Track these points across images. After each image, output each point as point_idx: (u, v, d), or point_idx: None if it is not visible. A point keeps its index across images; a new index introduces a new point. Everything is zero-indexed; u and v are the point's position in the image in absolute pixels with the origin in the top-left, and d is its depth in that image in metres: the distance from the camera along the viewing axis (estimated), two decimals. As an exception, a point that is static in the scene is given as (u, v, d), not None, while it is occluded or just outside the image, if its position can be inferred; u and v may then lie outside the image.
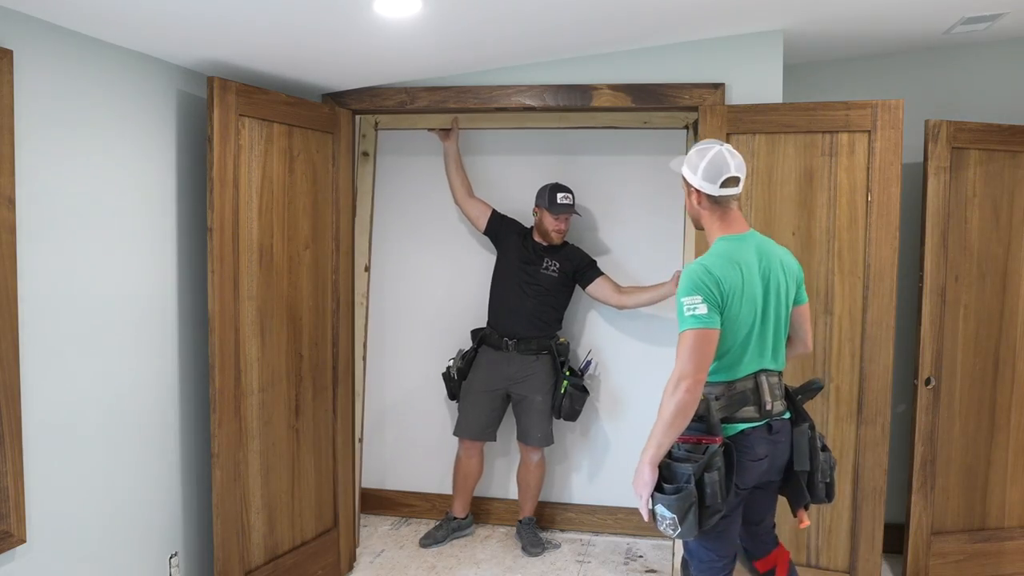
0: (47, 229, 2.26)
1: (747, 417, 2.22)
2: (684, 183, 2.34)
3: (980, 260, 3.22)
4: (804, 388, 2.39)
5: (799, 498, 2.32)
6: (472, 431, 3.76)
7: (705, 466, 2.10)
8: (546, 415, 3.71)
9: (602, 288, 3.66)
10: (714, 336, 2.14)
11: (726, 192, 2.24)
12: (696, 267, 2.19)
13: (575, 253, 3.73)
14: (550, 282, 3.68)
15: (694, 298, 2.13)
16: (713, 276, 2.15)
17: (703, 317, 2.12)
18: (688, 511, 2.09)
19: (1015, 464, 3.32)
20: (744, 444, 2.20)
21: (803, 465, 2.29)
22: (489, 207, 3.79)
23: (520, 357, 3.69)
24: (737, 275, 2.18)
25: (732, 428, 2.22)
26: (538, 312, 3.69)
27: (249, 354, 2.88)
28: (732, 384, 2.23)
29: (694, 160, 2.27)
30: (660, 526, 2.17)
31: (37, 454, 2.24)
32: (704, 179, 2.23)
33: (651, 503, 2.17)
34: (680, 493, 2.10)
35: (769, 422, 2.25)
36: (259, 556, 2.98)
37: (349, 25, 2.50)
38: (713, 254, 2.23)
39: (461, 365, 3.79)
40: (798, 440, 2.29)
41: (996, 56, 3.49)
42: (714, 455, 2.11)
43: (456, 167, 3.78)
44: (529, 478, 3.80)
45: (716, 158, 2.23)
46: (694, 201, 2.31)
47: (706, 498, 2.09)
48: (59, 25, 2.26)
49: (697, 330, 2.12)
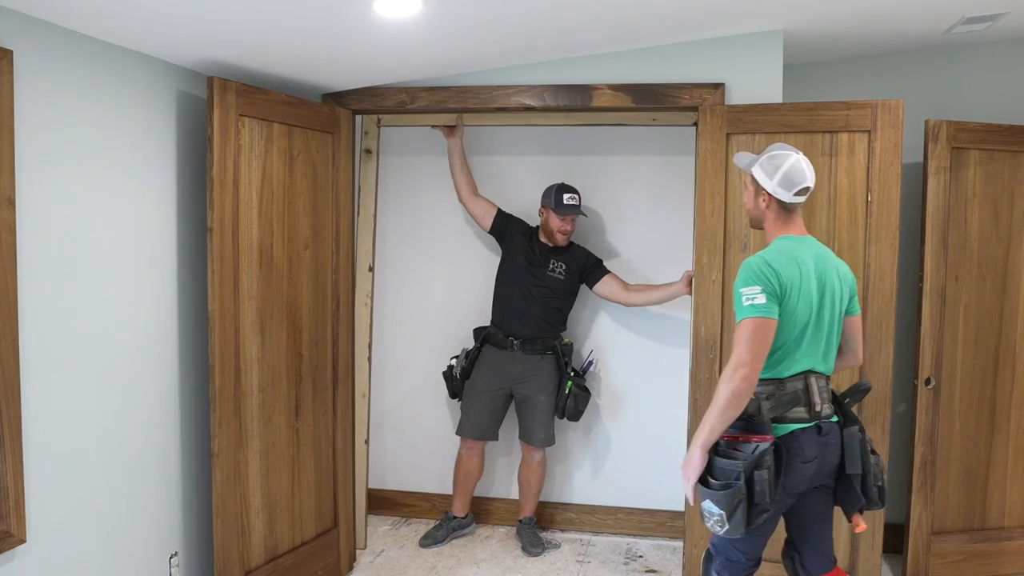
0: (47, 229, 2.26)
1: (798, 418, 2.23)
2: (751, 182, 2.38)
3: (980, 260, 3.22)
4: (852, 390, 2.39)
5: (854, 502, 2.31)
6: (475, 430, 3.75)
7: (755, 464, 2.11)
8: (549, 415, 3.71)
9: (609, 286, 3.66)
10: (772, 326, 2.16)
11: (798, 200, 2.31)
12: (756, 259, 2.23)
13: (581, 253, 3.73)
14: (556, 284, 3.68)
15: (753, 288, 2.16)
16: (773, 268, 2.19)
17: (762, 307, 2.14)
18: (736, 508, 2.10)
19: (1015, 464, 3.32)
20: (794, 445, 2.21)
21: (855, 468, 2.28)
22: (494, 206, 3.78)
23: (525, 357, 3.69)
24: (795, 270, 2.22)
25: (783, 428, 2.22)
26: (544, 313, 3.68)
27: (249, 354, 2.88)
28: (782, 383, 2.24)
29: (770, 165, 2.31)
30: (707, 522, 2.18)
31: (37, 454, 2.24)
32: (780, 185, 2.29)
33: (701, 498, 2.18)
34: (729, 489, 2.10)
35: (819, 424, 2.25)
36: (259, 556, 2.98)
37: (349, 25, 2.50)
38: (772, 250, 2.28)
39: (466, 364, 3.78)
40: (849, 443, 2.29)
41: (996, 56, 3.49)
42: (764, 453, 2.12)
43: (461, 165, 3.77)
44: (531, 477, 3.80)
45: (795, 168, 2.29)
46: (761, 203, 2.35)
47: (755, 496, 2.10)
48: (59, 25, 2.26)
49: (756, 319, 2.14)
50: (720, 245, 3.02)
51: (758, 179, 2.34)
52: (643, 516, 3.95)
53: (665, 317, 3.83)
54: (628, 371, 3.93)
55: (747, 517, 2.11)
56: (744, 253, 3.01)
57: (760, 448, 2.13)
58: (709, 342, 3.05)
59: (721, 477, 2.15)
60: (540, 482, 3.83)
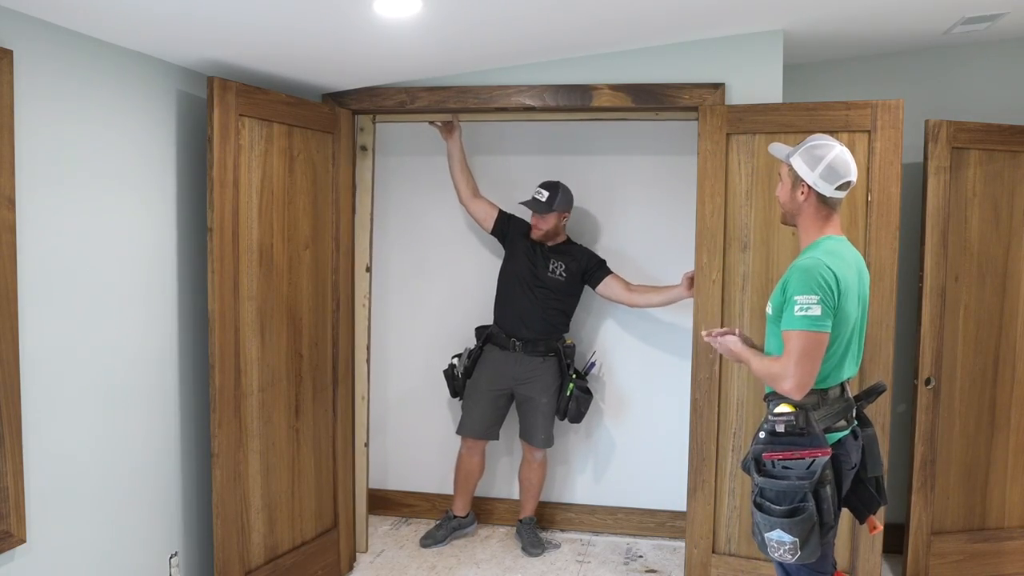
0: (47, 229, 2.26)
1: (841, 426, 2.16)
2: (789, 173, 2.23)
3: (980, 260, 3.22)
4: (868, 392, 2.32)
5: (870, 504, 2.25)
6: (476, 430, 3.75)
7: (819, 480, 2.00)
8: (550, 417, 3.70)
9: (612, 287, 3.64)
10: (824, 340, 2.04)
11: (839, 195, 2.18)
12: (815, 264, 2.07)
13: (583, 254, 3.71)
14: (557, 285, 3.66)
15: (810, 298, 2.02)
16: (834, 275, 2.06)
17: (816, 320, 2.02)
18: (811, 533, 1.98)
19: (1015, 464, 3.32)
20: (842, 454, 2.14)
21: (877, 470, 2.23)
22: (495, 207, 3.76)
23: (527, 358, 3.68)
24: (849, 274, 2.12)
25: (831, 438, 2.13)
26: (546, 315, 3.67)
27: (249, 354, 2.88)
28: (825, 393, 2.14)
29: (812, 156, 2.17)
30: (775, 553, 2.04)
31: (37, 454, 2.24)
32: (822, 178, 2.15)
33: (765, 528, 2.05)
34: (801, 515, 1.98)
35: (854, 429, 2.20)
36: (259, 556, 2.98)
37: (349, 25, 2.50)
38: (827, 251, 2.13)
39: (468, 363, 3.77)
40: (870, 445, 2.23)
41: (996, 56, 3.49)
42: (825, 467, 2.01)
43: (460, 167, 3.73)
44: (532, 476, 3.80)
45: (839, 160, 2.15)
46: (799, 196, 2.20)
47: (823, 514, 2.00)
48: (59, 25, 2.26)
49: (808, 332, 2.02)
50: (720, 245, 3.02)
51: (798, 170, 2.19)
52: (643, 516, 3.95)
53: (669, 324, 3.83)
54: (631, 373, 3.93)
55: (820, 538, 2.00)
56: (744, 253, 3.01)
57: (818, 462, 2.01)
58: (709, 342, 3.05)
59: (783, 501, 2.02)
60: (541, 482, 3.83)
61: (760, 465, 2.09)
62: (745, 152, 2.99)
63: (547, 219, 3.62)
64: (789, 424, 2.10)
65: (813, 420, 2.09)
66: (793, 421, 2.09)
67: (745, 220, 3.01)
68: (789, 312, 2.06)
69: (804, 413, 2.10)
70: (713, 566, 3.13)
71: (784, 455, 2.06)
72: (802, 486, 1.99)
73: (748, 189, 2.99)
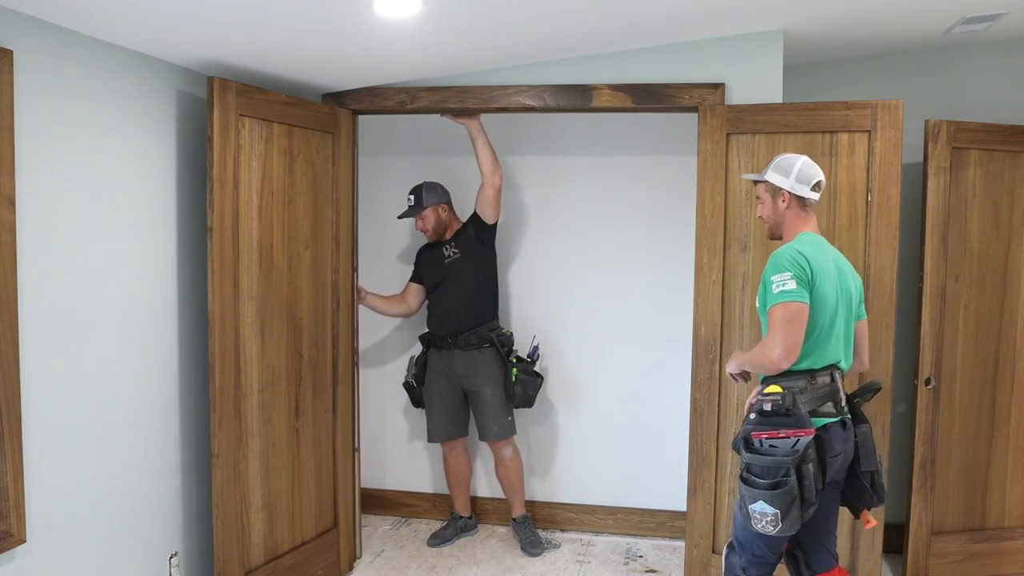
0: (47, 229, 2.26)
1: (828, 412, 2.28)
2: (767, 189, 2.45)
3: (980, 260, 3.22)
4: (863, 389, 2.44)
5: (864, 499, 2.36)
6: (442, 433, 3.80)
7: (802, 458, 2.14)
8: (499, 407, 3.70)
9: (480, 194, 3.63)
10: (804, 310, 2.19)
11: (814, 196, 2.40)
12: (785, 249, 2.29)
13: (466, 224, 3.73)
14: (458, 264, 3.68)
15: (783, 275, 2.21)
16: (802, 255, 2.25)
17: (792, 291, 2.19)
18: (791, 505, 2.13)
19: (1015, 464, 3.32)
20: (825, 439, 2.24)
21: (871, 465, 2.34)
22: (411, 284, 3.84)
23: (463, 353, 3.70)
24: (823, 259, 2.28)
25: (816, 422, 2.25)
26: (465, 301, 3.68)
27: (249, 354, 2.88)
28: (813, 377, 2.27)
29: (783, 167, 2.41)
30: (757, 524, 2.19)
31: (37, 454, 2.24)
32: (798, 181, 2.38)
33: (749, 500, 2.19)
34: (783, 488, 2.12)
35: (843, 419, 2.30)
36: (259, 556, 2.98)
37: (349, 25, 2.50)
38: (800, 241, 2.34)
39: (416, 371, 3.82)
40: (863, 440, 2.34)
41: (996, 56, 3.49)
42: (808, 446, 2.15)
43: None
44: (507, 474, 3.80)
45: (806, 165, 2.40)
46: (781, 204, 2.42)
47: (804, 491, 2.14)
48: (59, 25, 2.26)
49: (788, 303, 2.18)
50: (720, 245, 3.02)
51: (775, 181, 2.41)
52: (643, 516, 3.95)
53: (667, 320, 3.83)
54: (631, 373, 3.93)
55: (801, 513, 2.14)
56: (744, 253, 3.01)
57: (802, 441, 2.15)
58: (709, 342, 3.05)
59: (767, 475, 2.16)
60: (519, 477, 3.82)
61: (749, 443, 2.23)
62: (745, 152, 2.99)
63: (425, 218, 3.68)
64: (776, 404, 2.22)
65: (800, 402, 2.21)
66: (780, 401, 2.22)
67: (745, 220, 3.01)
68: (768, 293, 2.24)
69: (791, 395, 2.22)
70: (713, 566, 3.13)
71: (771, 434, 2.20)
72: (785, 462, 2.13)
73: (748, 189, 2.99)
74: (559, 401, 4.01)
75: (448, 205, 3.75)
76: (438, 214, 3.69)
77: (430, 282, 3.77)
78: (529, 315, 3.99)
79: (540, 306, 3.99)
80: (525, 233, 3.99)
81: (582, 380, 3.97)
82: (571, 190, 3.91)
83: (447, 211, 3.74)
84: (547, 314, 3.97)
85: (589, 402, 3.97)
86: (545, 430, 4.04)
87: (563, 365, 3.98)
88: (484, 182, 3.60)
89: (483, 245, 3.69)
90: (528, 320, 3.98)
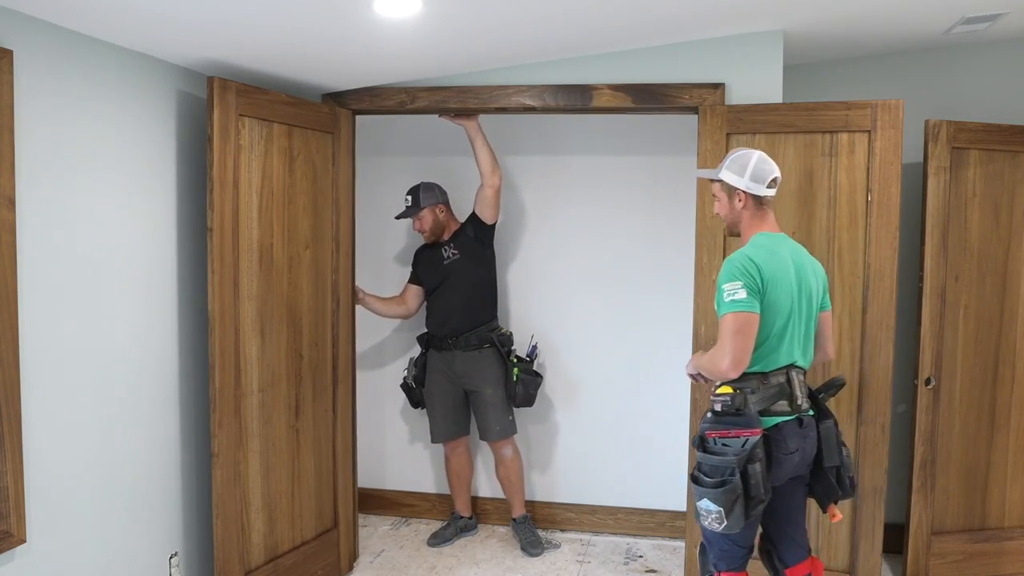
0: (47, 229, 2.26)
1: (781, 411, 2.29)
2: (723, 188, 2.42)
3: (980, 260, 3.22)
4: (827, 386, 2.46)
5: (830, 493, 2.38)
6: (443, 433, 3.80)
7: (748, 457, 2.16)
8: (499, 407, 3.70)
9: (479, 193, 3.63)
10: (754, 320, 2.20)
11: (770, 192, 2.37)
12: (737, 256, 2.27)
13: (465, 225, 3.73)
14: (457, 265, 3.68)
15: (734, 284, 2.21)
16: (754, 263, 2.24)
17: (742, 302, 2.19)
18: (735, 503, 2.16)
19: (1015, 464, 3.32)
20: (777, 438, 2.27)
21: (834, 460, 2.35)
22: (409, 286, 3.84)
23: (464, 354, 3.70)
24: (776, 264, 2.27)
25: (768, 421, 2.28)
26: (464, 302, 3.69)
27: (249, 354, 2.88)
28: (766, 377, 2.28)
29: (736, 166, 2.37)
30: (704, 520, 2.23)
31: (37, 454, 2.24)
32: (752, 180, 2.34)
33: (696, 498, 2.23)
34: (726, 486, 2.16)
35: (799, 417, 2.31)
36: (259, 556, 2.98)
37: (349, 25, 2.50)
38: (753, 245, 2.33)
39: (416, 372, 3.82)
40: (826, 436, 2.36)
41: (996, 56, 3.49)
42: (755, 446, 2.17)
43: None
44: (508, 474, 3.80)
45: (761, 162, 2.36)
46: (737, 203, 2.39)
47: (751, 489, 2.17)
48: (59, 25, 2.26)
49: (737, 314, 2.19)
50: (720, 245, 3.02)
51: (730, 181, 2.38)
52: (643, 516, 3.95)
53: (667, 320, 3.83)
54: (631, 373, 3.93)
55: (745, 510, 2.16)
56: (744, 253, 3.01)
57: (750, 441, 2.18)
58: (709, 342, 3.05)
59: (715, 474, 2.20)
60: (519, 477, 3.82)
61: (704, 442, 2.27)
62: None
63: (422, 219, 3.68)
64: (726, 404, 2.26)
65: (750, 402, 2.24)
66: (730, 402, 2.25)
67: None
68: (720, 300, 2.24)
69: (743, 395, 2.25)
70: (713, 566, 3.13)
71: (722, 433, 2.24)
72: (731, 462, 2.16)
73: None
74: (559, 401, 4.01)
75: (446, 205, 3.75)
76: (435, 215, 3.69)
77: (429, 283, 3.77)
78: (528, 314, 3.99)
79: (539, 306, 3.99)
80: (524, 233, 3.99)
81: (582, 380, 3.97)
82: (570, 190, 3.91)
83: (444, 212, 3.74)
84: (546, 314, 3.98)
85: (589, 402, 3.97)
86: (545, 430, 4.04)
87: (563, 365, 3.98)
88: (483, 182, 3.60)
89: (482, 246, 3.69)
90: (527, 319, 3.99)
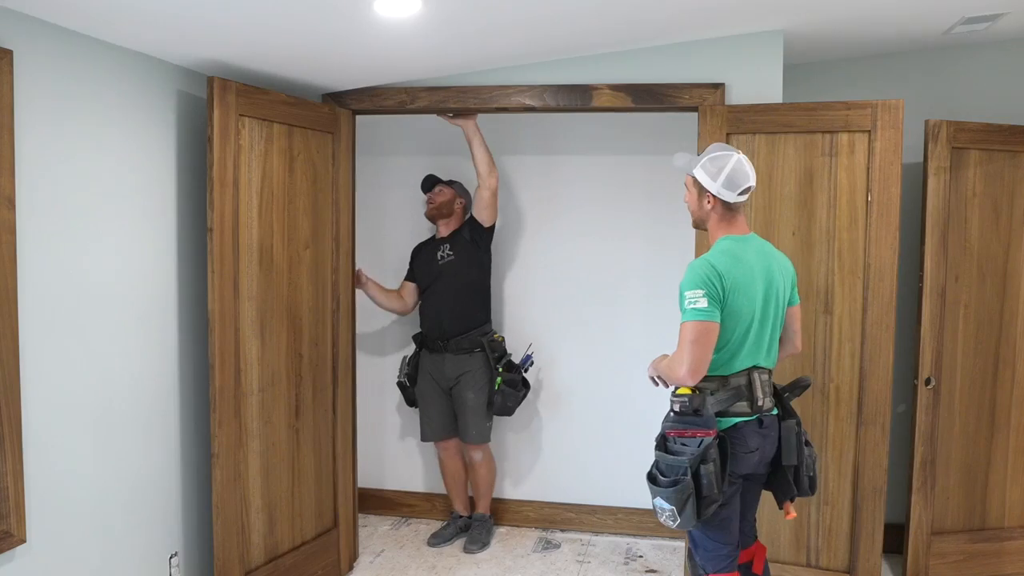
0: (47, 229, 2.26)
1: (740, 412, 2.30)
2: (694, 184, 2.38)
3: (980, 260, 3.22)
4: (792, 386, 2.47)
5: (786, 491, 2.41)
6: (435, 433, 3.81)
7: (700, 458, 2.18)
8: (479, 412, 3.70)
9: (478, 195, 3.64)
10: (713, 329, 2.20)
11: (741, 199, 2.33)
12: (700, 262, 2.27)
13: (463, 226, 3.74)
14: (452, 267, 3.68)
15: (696, 292, 2.21)
16: (716, 271, 2.23)
17: (703, 311, 2.19)
18: (686, 502, 2.19)
19: (1015, 464, 3.32)
20: (736, 437, 2.29)
21: (791, 459, 2.37)
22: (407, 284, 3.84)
23: (454, 357, 3.70)
24: (739, 271, 2.26)
25: (726, 422, 2.30)
26: (457, 304, 3.69)
27: (249, 354, 2.88)
28: (727, 379, 2.30)
29: (712, 167, 2.32)
30: (660, 518, 2.27)
31: (37, 454, 2.24)
32: (724, 186, 2.30)
33: (652, 496, 2.27)
34: (677, 486, 2.19)
35: (760, 417, 2.32)
36: (259, 556, 2.98)
37: (349, 25, 2.50)
38: (717, 250, 2.32)
39: (409, 371, 3.82)
40: (786, 435, 2.37)
41: (996, 56, 3.49)
42: (708, 447, 2.19)
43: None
44: (475, 478, 3.83)
45: (737, 169, 2.30)
46: (705, 204, 2.36)
47: (702, 489, 2.19)
48: (59, 25, 2.26)
49: (697, 322, 2.19)
50: (720, 245, 3.02)
51: (701, 181, 2.34)
52: (643, 516, 3.95)
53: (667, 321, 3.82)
54: (631, 372, 3.92)
55: (697, 510, 2.19)
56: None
57: (705, 442, 2.20)
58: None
59: (669, 473, 2.23)
60: (486, 483, 3.85)
61: (664, 441, 2.30)
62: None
63: (442, 192, 3.70)
64: (683, 405, 2.28)
65: (708, 403, 2.26)
66: (687, 403, 2.27)
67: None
68: (681, 306, 2.24)
69: (702, 396, 2.27)
70: (713, 566, 3.13)
71: (681, 433, 2.26)
72: (684, 462, 2.19)
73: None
74: (558, 401, 4.01)
75: (466, 205, 3.78)
76: (453, 200, 3.72)
77: (422, 282, 3.77)
78: (525, 315, 3.99)
79: (538, 305, 3.99)
80: (522, 234, 3.99)
81: (582, 380, 3.97)
82: (569, 191, 3.91)
83: (461, 207, 3.76)
84: (545, 314, 3.98)
85: (589, 402, 3.97)
86: (544, 431, 4.04)
87: (562, 364, 3.98)
88: (480, 184, 3.61)
89: (478, 248, 3.70)
90: (524, 321, 3.99)
